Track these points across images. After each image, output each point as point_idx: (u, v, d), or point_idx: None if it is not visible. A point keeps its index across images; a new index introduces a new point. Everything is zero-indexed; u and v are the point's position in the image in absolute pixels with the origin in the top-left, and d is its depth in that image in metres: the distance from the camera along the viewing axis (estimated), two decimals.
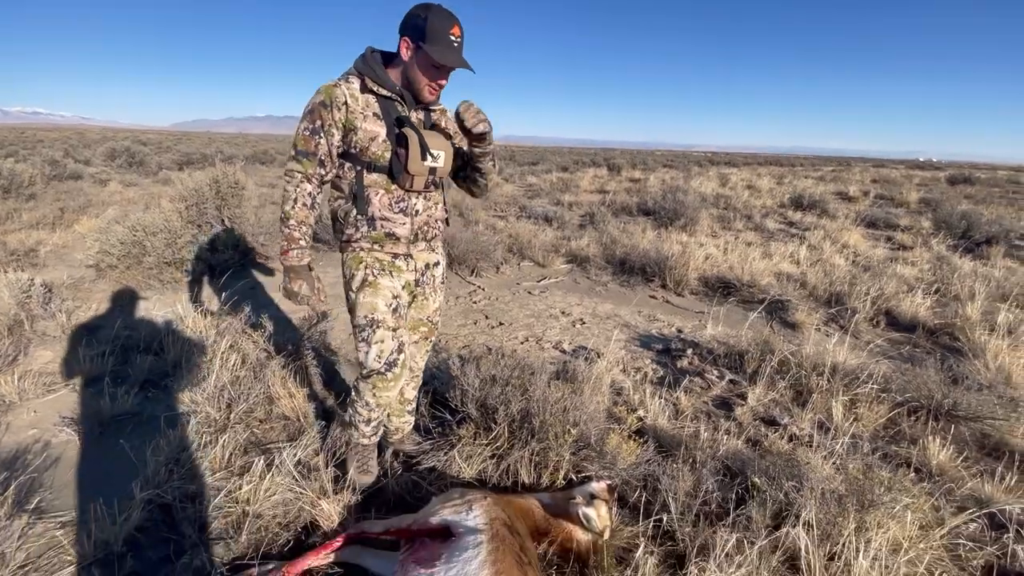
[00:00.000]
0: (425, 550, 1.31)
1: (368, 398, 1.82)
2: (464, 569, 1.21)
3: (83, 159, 14.32)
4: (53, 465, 2.02)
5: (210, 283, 4.20)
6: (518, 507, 1.59)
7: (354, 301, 1.76)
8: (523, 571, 1.26)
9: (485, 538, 1.30)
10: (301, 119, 1.66)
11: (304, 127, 1.64)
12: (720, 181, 14.06)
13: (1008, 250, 6.74)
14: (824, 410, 2.56)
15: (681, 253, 4.83)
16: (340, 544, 1.52)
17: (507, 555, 1.27)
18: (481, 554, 1.25)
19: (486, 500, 1.45)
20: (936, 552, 1.70)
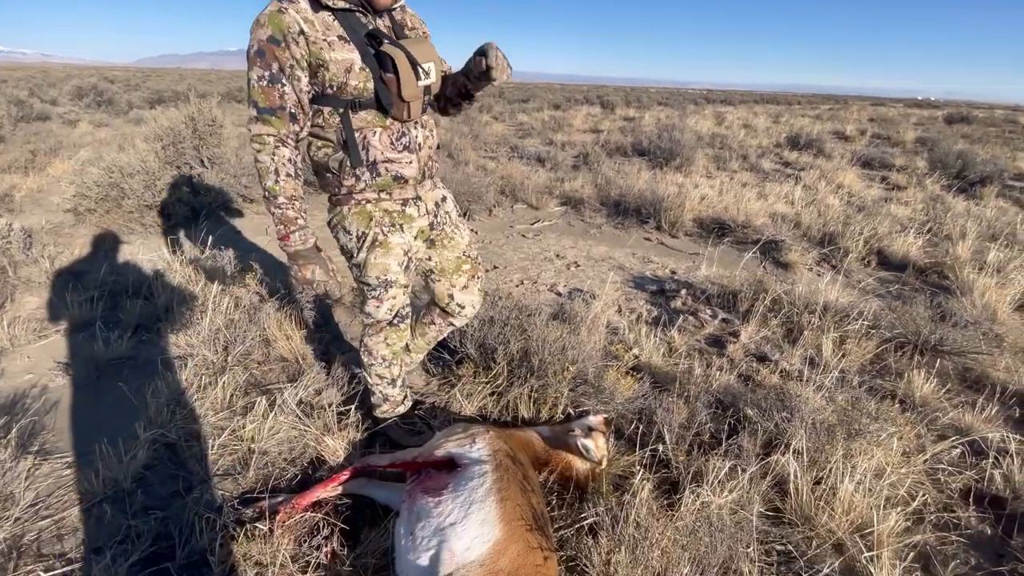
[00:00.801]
0: (432, 480, 1.35)
1: (382, 351, 1.72)
2: (471, 496, 1.25)
3: (49, 99, 13.49)
4: (53, 408, 2.02)
5: (195, 226, 4.08)
6: (519, 439, 1.63)
7: (364, 260, 1.56)
8: (527, 497, 1.30)
9: (489, 468, 1.34)
10: (250, 66, 1.30)
11: (257, 76, 1.30)
12: (716, 120, 13.69)
13: (1001, 190, 6.74)
14: (814, 346, 2.62)
15: (677, 194, 4.76)
16: (347, 477, 1.56)
17: (511, 483, 1.31)
18: (487, 482, 1.28)
19: (488, 433, 1.48)
20: (917, 477, 1.80)
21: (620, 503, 1.49)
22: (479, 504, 1.23)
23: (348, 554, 1.41)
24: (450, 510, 1.23)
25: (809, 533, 1.58)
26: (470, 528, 1.18)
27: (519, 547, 1.16)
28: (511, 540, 1.16)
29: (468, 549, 1.14)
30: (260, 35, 1.29)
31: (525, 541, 1.18)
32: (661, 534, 1.33)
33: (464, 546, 1.15)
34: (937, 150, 8.53)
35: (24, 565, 1.34)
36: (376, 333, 1.71)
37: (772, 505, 1.67)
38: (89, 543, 1.44)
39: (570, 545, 1.47)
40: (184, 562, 1.38)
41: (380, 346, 1.73)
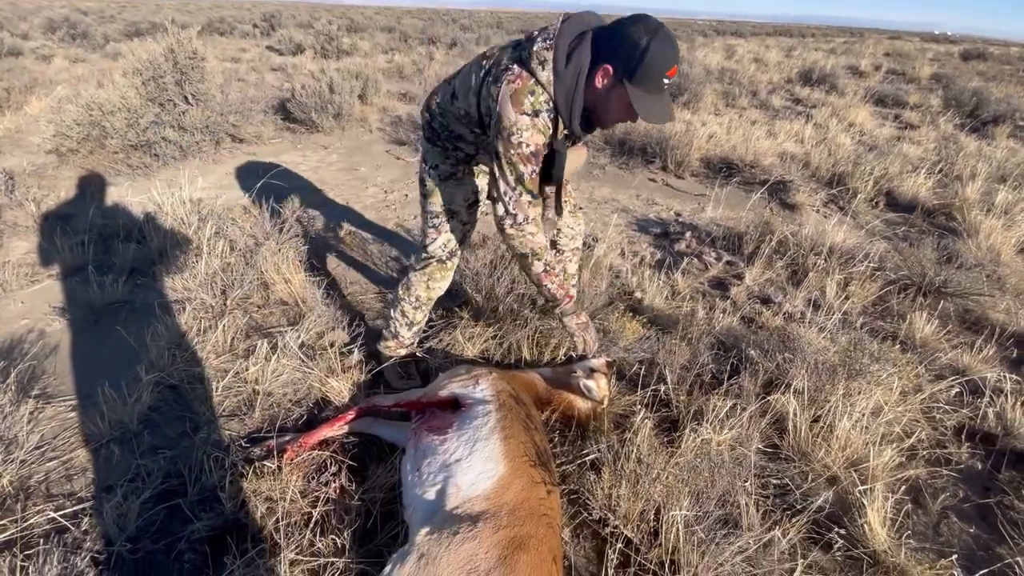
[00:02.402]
0: (437, 420, 1.36)
1: (420, 291, 1.79)
2: (475, 435, 1.26)
3: (20, 33, 12.69)
4: (52, 353, 2.01)
5: (184, 167, 3.94)
6: (521, 380, 1.64)
7: (432, 188, 1.67)
8: (530, 435, 1.31)
9: (493, 407, 1.34)
10: (524, 158, 1.36)
11: (531, 170, 1.39)
12: (726, 53, 13.02)
13: (1013, 130, 6.52)
14: (818, 289, 2.60)
15: (684, 133, 4.57)
16: (353, 416, 1.57)
17: (514, 422, 1.32)
18: (490, 421, 1.30)
19: (492, 374, 1.48)
20: (913, 415, 1.83)
21: (622, 440, 1.51)
22: (484, 441, 1.24)
23: (356, 489, 1.45)
24: (455, 447, 1.24)
25: (805, 468, 1.62)
26: (475, 464, 1.19)
27: (523, 482, 1.18)
28: (515, 475, 1.18)
29: (473, 484, 1.16)
30: (538, 138, 1.36)
31: (528, 476, 1.20)
32: (662, 469, 1.35)
33: (470, 481, 1.17)
34: (952, 88, 8.18)
35: (34, 505, 1.37)
36: (423, 269, 1.77)
37: (770, 442, 1.71)
38: (99, 482, 1.47)
39: (573, 480, 1.51)
40: (195, 498, 1.41)
41: (420, 285, 1.78)
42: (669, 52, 1.25)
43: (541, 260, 1.49)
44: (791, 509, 1.49)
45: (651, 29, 1.25)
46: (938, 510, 1.58)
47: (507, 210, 1.42)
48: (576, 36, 1.32)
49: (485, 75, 1.41)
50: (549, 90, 1.32)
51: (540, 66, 1.31)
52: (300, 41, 11.22)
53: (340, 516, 1.37)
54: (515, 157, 1.36)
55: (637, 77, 1.26)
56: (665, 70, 1.26)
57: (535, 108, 1.32)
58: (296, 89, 5.24)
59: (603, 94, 1.33)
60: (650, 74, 1.25)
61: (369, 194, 3.83)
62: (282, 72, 8.50)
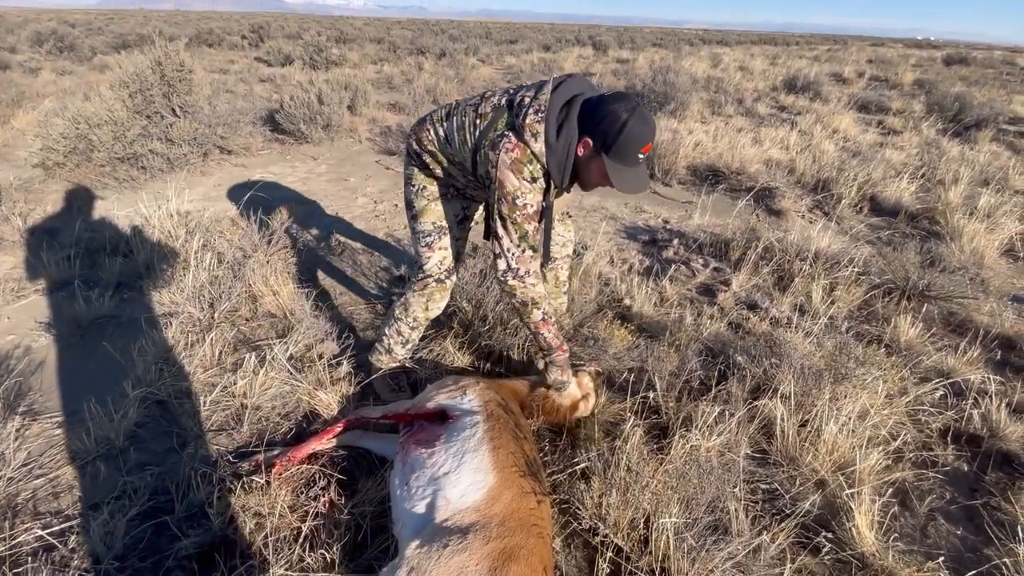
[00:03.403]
0: (424, 432, 1.36)
1: (418, 312, 1.80)
2: (464, 446, 1.26)
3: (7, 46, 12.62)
4: (38, 369, 1.99)
5: (171, 179, 3.92)
6: (508, 388, 1.64)
7: (421, 208, 1.72)
8: (518, 445, 1.32)
9: (481, 418, 1.34)
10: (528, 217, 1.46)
11: (534, 228, 1.49)
12: (712, 62, 13.21)
13: (996, 134, 6.66)
14: (804, 294, 2.63)
15: (671, 141, 4.63)
16: (341, 429, 1.57)
17: (503, 431, 1.32)
18: (478, 432, 1.30)
19: (479, 384, 1.49)
20: (899, 418, 1.85)
21: (612, 448, 1.52)
22: (472, 453, 1.24)
23: (346, 503, 1.44)
24: (443, 460, 1.24)
25: (793, 472, 1.64)
26: (464, 476, 1.19)
27: (512, 492, 1.18)
28: (504, 486, 1.18)
29: (463, 496, 1.16)
30: (537, 197, 1.46)
31: (518, 486, 1.20)
32: (651, 477, 1.36)
33: (459, 493, 1.16)
34: (935, 93, 8.34)
35: (21, 523, 1.35)
36: (422, 290, 1.78)
37: (758, 447, 1.72)
38: (86, 500, 1.45)
39: (563, 489, 1.51)
40: (183, 515, 1.39)
41: (419, 306, 1.80)
42: (645, 131, 1.35)
43: (540, 308, 1.54)
44: (780, 514, 1.50)
45: (630, 108, 1.35)
46: (925, 512, 1.60)
47: (510, 265, 1.50)
48: (564, 105, 1.42)
49: (481, 136, 1.49)
50: (542, 160, 1.43)
51: (533, 138, 1.41)
52: (289, 52, 11.25)
53: (330, 530, 1.36)
54: (520, 218, 1.46)
55: (614, 151, 1.37)
56: (640, 146, 1.36)
57: (533, 175, 1.43)
58: (285, 100, 5.25)
59: (583, 162, 1.44)
60: (627, 149, 1.36)
61: (358, 204, 3.83)
62: (271, 83, 8.51)
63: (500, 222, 1.47)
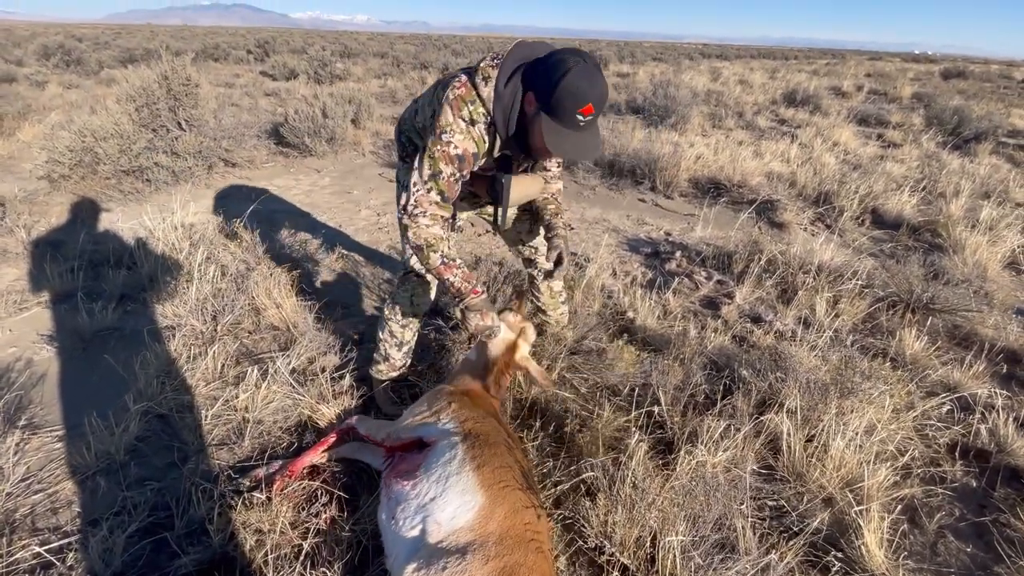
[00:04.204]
0: (404, 463, 1.31)
1: (405, 307, 1.78)
2: (445, 471, 1.22)
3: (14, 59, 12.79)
4: (40, 382, 1.98)
5: (175, 192, 3.95)
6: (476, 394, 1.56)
7: None
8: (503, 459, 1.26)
9: (459, 439, 1.30)
10: (448, 158, 1.37)
11: (451, 172, 1.38)
12: (712, 76, 13.34)
13: (995, 147, 6.69)
14: (808, 307, 2.62)
15: (672, 154, 4.66)
16: (334, 441, 1.55)
17: (483, 448, 1.27)
18: (458, 454, 1.25)
19: (451, 407, 1.43)
20: (906, 433, 1.83)
21: (616, 462, 1.50)
22: (455, 476, 1.20)
23: (347, 520, 1.42)
24: (427, 488, 1.20)
25: (800, 489, 1.62)
26: (451, 499, 1.16)
27: (505, 509, 1.15)
28: (496, 504, 1.15)
29: (454, 518, 1.13)
30: (468, 144, 1.38)
31: (510, 503, 1.16)
32: (658, 494, 1.34)
33: (449, 515, 1.13)
34: (934, 106, 8.41)
35: (19, 540, 1.34)
36: (404, 284, 1.77)
37: (764, 463, 1.70)
38: (85, 516, 1.43)
39: (567, 505, 1.49)
40: (183, 531, 1.38)
41: (405, 301, 1.78)
42: (584, 86, 1.22)
43: (438, 252, 1.44)
44: (788, 531, 1.48)
45: (574, 62, 1.23)
46: (934, 530, 1.58)
47: (408, 199, 1.41)
48: (521, 60, 1.36)
49: (442, 88, 1.46)
50: (488, 105, 1.36)
51: (483, 81, 1.34)
52: (294, 66, 11.39)
53: (331, 548, 1.35)
54: (439, 154, 1.37)
55: (550, 108, 1.27)
56: (578, 105, 1.23)
57: (472, 117, 1.36)
58: (289, 114, 5.29)
59: (530, 120, 1.35)
60: (562, 107, 1.24)
61: (362, 217, 3.85)
62: (275, 97, 8.60)
63: (420, 154, 1.40)
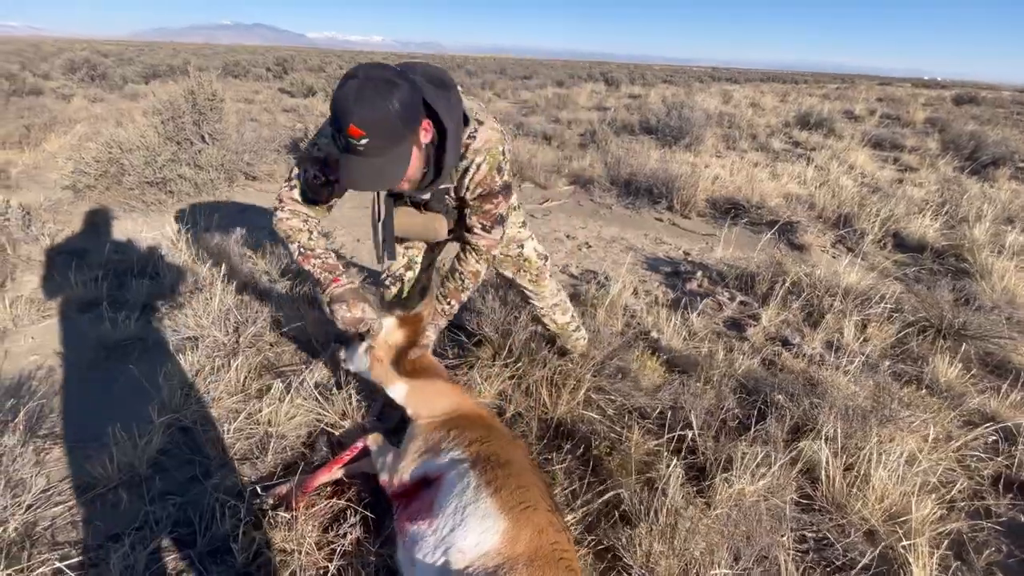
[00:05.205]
0: (415, 504, 1.25)
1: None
2: (461, 501, 1.16)
3: (42, 73, 13.18)
4: (61, 391, 1.96)
5: (198, 204, 3.98)
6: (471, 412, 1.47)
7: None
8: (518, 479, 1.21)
9: (468, 465, 1.25)
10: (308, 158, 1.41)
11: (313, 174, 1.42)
12: (723, 98, 13.44)
13: (1014, 172, 6.63)
14: (836, 330, 2.56)
15: (690, 174, 4.65)
16: (349, 458, 1.51)
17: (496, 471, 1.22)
18: (471, 481, 1.20)
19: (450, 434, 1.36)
20: (948, 463, 1.77)
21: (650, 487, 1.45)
22: (473, 504, 1.15)
23: (374, 541, 1.38)
24: (445, 522, 1.14)
25: (841, 520, 1.55)
26: (472, 526, 1.11)
27: (530, 531, 1.11)
28: (520, 526, 1.11)
29: (478, 544, 1.09)
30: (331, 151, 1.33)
31: (534, 524, 1.13)
32: (698, 522, 1.29)
33: (473, 543, 1.09)
34: (949, 131, 8.38)
35: (39, 554, 1.30)
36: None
37: (802, 492, 1.64)
38: (106, 530, 1.40)
39: (602, 531, 1.43)
40: (206, 549, 1.34)
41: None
42: (346, 106, 1.08)
43: (295, 243, 1.46)
44: (831, 566, 1.41)
45: (352, 76, 1.10)
46: (983, 567, 1.50)
47: (278, 194, 1.47)
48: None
49: None
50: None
51: None
52: (312, 84, 11.62)
53: (357, 570, 1.30)
54: (304, 154, 1.41)
55: (335, 124, 1.14)
56: (342, 123, 1.10)
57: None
58: (308, 129, 5.37)
59: None
60: (336, 125, 1.13)
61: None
62: (294, 113, 8.75)
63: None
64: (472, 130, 1.34)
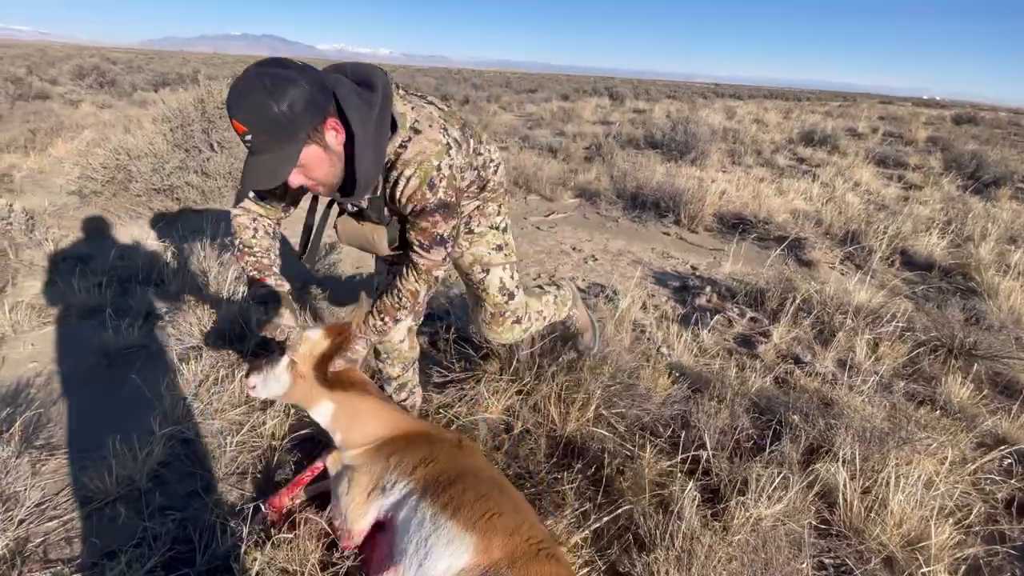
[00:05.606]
0: (375, 553, 1.20)
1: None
2: (420, 534, 1.11)
3: (49, 78, 13.30)
4: (60, 400, 1.93)
5: (205, 211, 3.98)
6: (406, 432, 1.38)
7: None
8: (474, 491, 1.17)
9: (417, 495, 1.19)
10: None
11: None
12: (727, 114, 13.53)
13: (1014, 192, 6.64)
14: (847, 348, 2.53)
15: (697, 188, 4.65)
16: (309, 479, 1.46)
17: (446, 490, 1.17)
18: (425, 511, 1.15)
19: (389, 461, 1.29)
20: (964, 487, 1.72)
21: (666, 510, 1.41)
22: (434, 534, 1.11)
23: None
24: (410, 564, 1.09)
25: (859, 546, 1.51)
26: (439, 553, 1.08)
27: (501, 536, 1.09)
28: (489, 535, 1.09)
29: (450, 567, 1.06)
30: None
31: (504, 527, 1.11)
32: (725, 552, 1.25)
33: (444, 567, 1.06)
34: (952, 150, 8.42)
35: (30, 572, 1.26)
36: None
37: (819, 515, 1.60)
38: (102, 546, 1.35)
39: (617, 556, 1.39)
40: (204, 568, 1.29)
41: None
42: (229, 99, 1.07)
43: (238, 239, 1.42)
44: None
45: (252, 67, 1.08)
46: None
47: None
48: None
49: None
50: None
51: None
52: None
53: None
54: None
55: None
56: (230, 120, 1.08)
57: None
58: None
59: None
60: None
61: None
62: None
63: None
64: (404, 139, 1.23)
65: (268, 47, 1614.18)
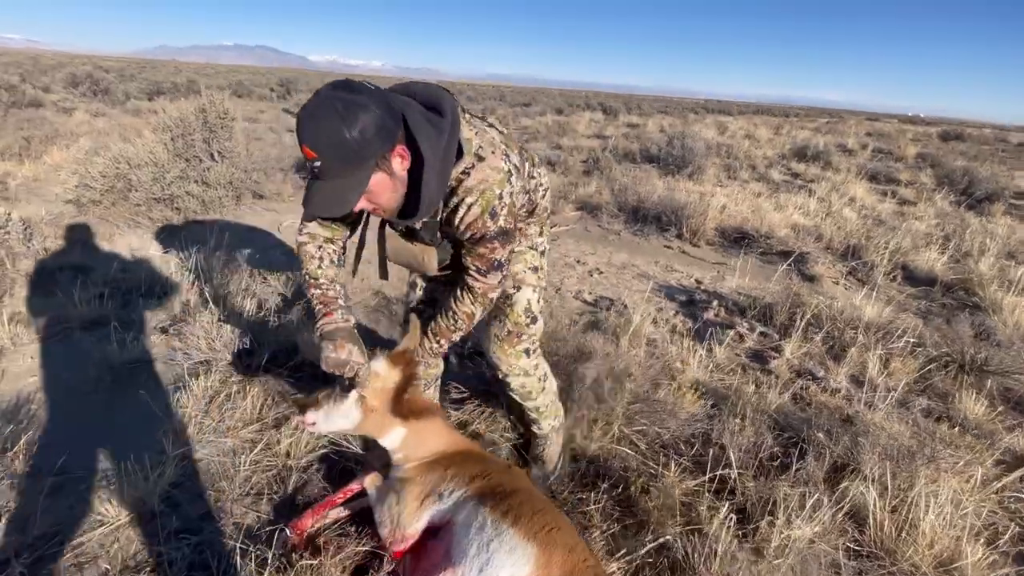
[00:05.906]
0: (426, 559, 1.16)
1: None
2: (481, 540, 1.08)
3: (42, 85, 13.17)
4: (63, 416, 1.86)
5: (206, 222, 3.92)
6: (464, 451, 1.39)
7: None
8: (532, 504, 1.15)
9: (475, 502, 1.17)
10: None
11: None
12: (719, 129, 13.73)
13: (1007, 208, 6.77)
14: (859, 364, 2.53)
15: (699, 202, 4.68)
16: (341, 501, 1.42)
17: (508, 500, 1.15)
18: (486, 516, 1.12)
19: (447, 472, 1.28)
20: (991, 506, 1.71)
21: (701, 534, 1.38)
22: (496, 540, 1.08)
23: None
24: (471, 567, 1.05)
25: (892, 567, 1.48)
26: (502, 561, 1.04)
27: (561, 552, 1.06)
28: (550, 550, 1.06)
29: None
30: None
31: (563, 544, 1.08)
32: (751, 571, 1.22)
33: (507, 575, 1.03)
34: (943, 166, 8.59)
35: None
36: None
37: (849, 536, 1.57)
38: (115, 573, 1.29)
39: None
40: None
41: None
42: (299, 123, 1.05)
43: (304, 270, 1.39)
44: None
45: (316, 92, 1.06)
46: None
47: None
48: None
49: None
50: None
51: None
52: None
53: None
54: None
55: None
56: (299, 144, 1.06)
57: None
58: None
59: None
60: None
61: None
62: None
63: None
64: (468, 165, 1.20)
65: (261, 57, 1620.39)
